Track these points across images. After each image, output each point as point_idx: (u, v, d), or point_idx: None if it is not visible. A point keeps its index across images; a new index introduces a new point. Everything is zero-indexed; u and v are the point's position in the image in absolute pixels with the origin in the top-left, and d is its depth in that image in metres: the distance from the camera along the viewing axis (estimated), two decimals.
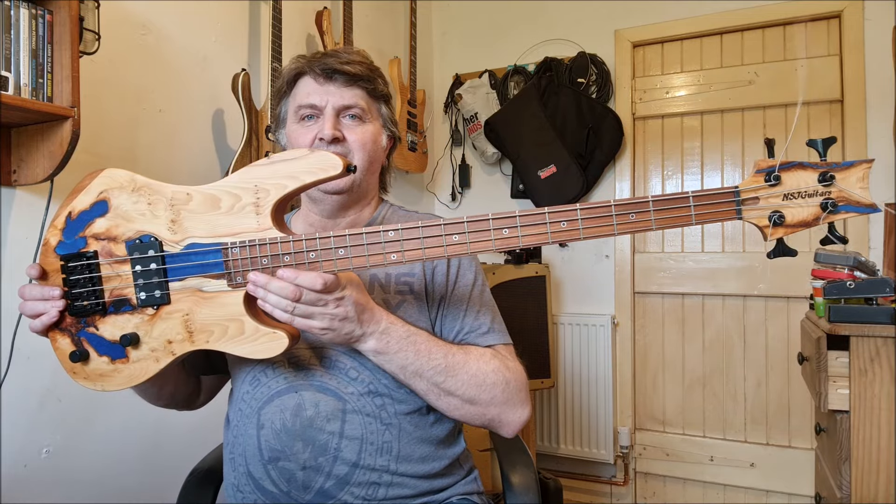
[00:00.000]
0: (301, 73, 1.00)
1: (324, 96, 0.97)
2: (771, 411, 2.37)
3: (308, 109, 0.98)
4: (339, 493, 0.90)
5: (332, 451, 0.90)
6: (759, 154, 2.40)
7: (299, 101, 0.99)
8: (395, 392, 0.94)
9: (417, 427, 0.96)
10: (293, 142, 0.99)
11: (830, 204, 0.72)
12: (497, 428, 0.96)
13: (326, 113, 0.97)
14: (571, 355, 2.57)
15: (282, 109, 1.04)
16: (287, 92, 1.02)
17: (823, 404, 1.31)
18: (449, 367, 0.90)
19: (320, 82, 0.97)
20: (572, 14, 2.66)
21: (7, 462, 1.24)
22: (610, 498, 2.58)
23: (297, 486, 0.90)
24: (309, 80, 0.98)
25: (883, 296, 1.30)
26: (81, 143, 1.20)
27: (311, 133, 0.97)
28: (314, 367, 0.94)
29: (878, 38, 2.16)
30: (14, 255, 1.26)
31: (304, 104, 0.98)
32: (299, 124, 0.99)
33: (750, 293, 2.39)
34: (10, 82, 1.11)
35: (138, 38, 1.53)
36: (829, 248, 1.58)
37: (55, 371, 1.34)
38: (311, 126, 0.98)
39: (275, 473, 0.91)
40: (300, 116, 0.99)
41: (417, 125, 2.57)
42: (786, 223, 0.73)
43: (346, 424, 0.91)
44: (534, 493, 1.08)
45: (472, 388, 0.91)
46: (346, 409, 0.91)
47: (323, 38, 2.05)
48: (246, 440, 0.94)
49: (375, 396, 0.93)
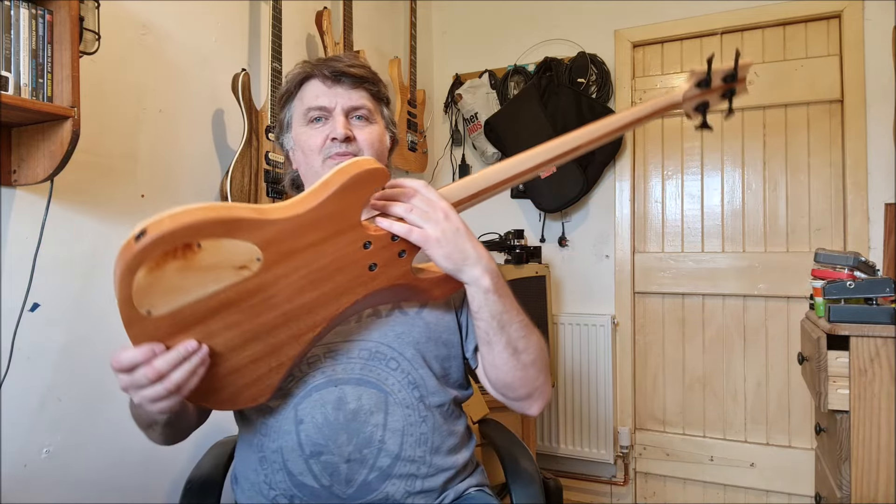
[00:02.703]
0: (308, 76, 1.01)
1: (333, 98, 0.99)
2: (771, 411, 2.37)
3: (317, 111, 1.00)
4: (381, 485, 0.91)
5: (377, 444, 0.91)
6: (759, 154, 2.40)
7: (308, 103, 1.00)
8: (429, 383, 0.97)
9: (446, 420, 0.99)
10: (303, 144, 1.00)
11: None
12: (536, 399, 0.97)
13: (336, 114, 0.99)
14: (571, 355, 2.57)
15: (286, 114, 1.05)
16: (293, 96, 1.03)
17: (823, 404, 1.31)
18: (526, 325, 0.92)
19: (328, 84, 1.00)
20: (572, 14, 2.66)
21: (7, 462, 1.24)
22: (610, 498, 2.58)
23: (339, 480, 0.90)
24: (317, 82, 1.00)
25: (883, 296, 1.30)
26: (81, 143, 1.20)
27: (322, 134, 0.99)
28: (353, 360, 0.94)
29: (878, 38, 2.16)
30: (14, 255, 1.26)
31: (313, 106, 1.00)
32: (308, 126, 1.00)
33: (750, 293, 2.39)
34: (10, 82, 1.11)
35: (138, 38, 1.53)
36: (829, 248, 1.59)
37: (55, 371, 1.34)
38: (320, 128, 0.99)
39: (317, 468, 0.90)
40: (309, 119, 1.00)
41: (417, 125, 2.57)
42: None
43: (389, 416, 0.92)
44: (538, 484, 1.11)
45: (536, 352, 0.93)
46: (389, 402, 0.93)
47: (323, 38, 2.05)
48: (282, 436, 0.92)
49: (414, 388, 0.95)
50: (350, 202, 0.77)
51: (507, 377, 0.93)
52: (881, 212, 2.15)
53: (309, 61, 1.04)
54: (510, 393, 0.96)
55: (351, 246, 0.79)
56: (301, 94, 1.02)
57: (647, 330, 2.59)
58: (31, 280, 1.26)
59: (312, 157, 1.00)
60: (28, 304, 1.27)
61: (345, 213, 0.77)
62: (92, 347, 1.41)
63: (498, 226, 2.53)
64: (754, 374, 2.41)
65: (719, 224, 2.47)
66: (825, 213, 2.31)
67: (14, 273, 1.26)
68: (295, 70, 1.04)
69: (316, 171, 0.99)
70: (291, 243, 0.74)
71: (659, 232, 2.58)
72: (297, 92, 1.03)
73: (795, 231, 2.35)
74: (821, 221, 2.32)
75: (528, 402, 0.97)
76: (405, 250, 0.83)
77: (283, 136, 1.07)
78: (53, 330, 1.34)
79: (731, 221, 2.46)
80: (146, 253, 0.65)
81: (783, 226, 2.37)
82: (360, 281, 0.81)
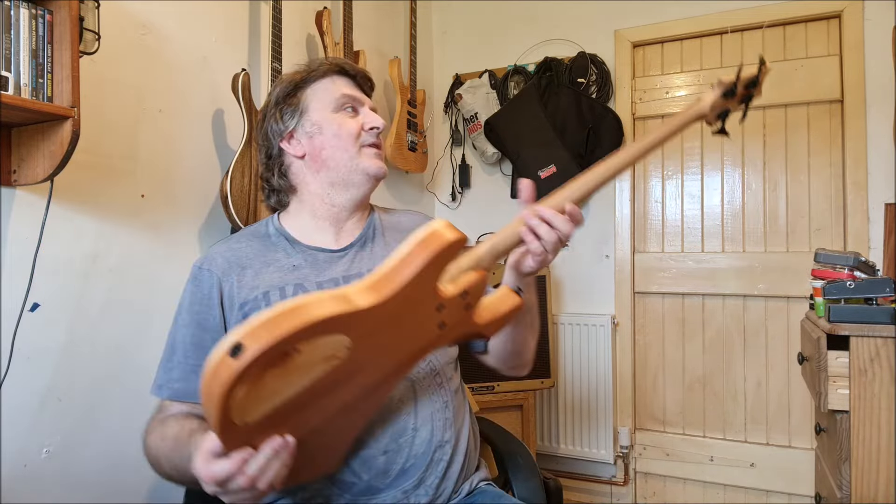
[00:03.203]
0: (339, 71, 1.07)
1: (356, 91, 1.08)
2: (771, 411, 2.37)
3: (352, 101, 1.06)
4: (417, 472, 0.94)
5: (411, 432, 0.94)
6: (759, 154, 2.40)
7: (342, 90, 1.05)
8: (446, 369, 1.01)
9: (461, 406, 1.04)
10: (337, 129, 1.03)
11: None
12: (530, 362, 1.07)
13: (368, 107, 1.08)
14: (571, 355, 2.57)
15: (303, 97, 1.06)
16: (315, 82, 1.06)
17: (823, 404, 1.31)
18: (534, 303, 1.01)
19: (357, 83, 1.08)
20: (572, 14, 2.66)
21: (7, 462, 1.24)
22: (610, 498, 2.58)
23: (378, 473, 0.91)
24: (347, 80, 1.07)
25: (883, 296, 1.30)
26: (81, 143, 1.20)
27: (357, 123, 1.05)
28: None
29: (878, 38, 2.16)
30: (14, 255, 1.26)
31: (349, 94, 1.06)
32: (340, 113, 1.05)
33: (750, 293, 2.39)
34: (10, 82, 1.11)
35: (138, 38, 1.53)
36: (829, 248, 1.59)
37: (55, 371, 1.34)
38: (353, 116, 1.06)
39: (356, 463, 0.91)
40: (341, 106, 1.05)
41: (417, 125, 2.57)
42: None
43: (418, 404, 0.96)
44: (538, 478, 1.15)
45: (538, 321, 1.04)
46: (416, 389, 0.96)
47: (323, 38, 2.05)
48: None
49: (436, 375, 0.99)
50: (432, 275, 0.75)
51: (521, 348, 1.03)
52: (881, 212, 2.15)
53: (322, 59, 1.11)
54: (515, 361, 1.06)
55: (427, 312, 0.78)
56: (328, 83, 1.06)
57: (647, 330, 2.59)
58: (31, 280, 1.26)
59: (349, 142, 1.03)
60: (28, 304, 1.27)
61: (426, 286, 0.75)
62: (92, 347, 1.41)
63: (498, 226, 2.51)
64: (754, 374, 2.40)
65: (719, 224, 2.47)
66: (825, 213, 2.31)
67: (14, 273, 1.26)
68: (321, 62, 1.07)
69: (351, 156, 1.04)
70: (377, 324, 0.72)
71: (659, 232, 2.58)
72: (322, 80, 1.06)
73: (795, 231, 2.35)
74: (821, 221, 2.32)
75: (526, 367, 1.08)
76: (469, 304, 0.82)
77: (295, 120, 1.05)
78: (53, 330, 1.34)
79: (731, 221, 2.46)
80: (247, 371, 0.59)
81: (783, 226, 2.37)
82: (432, 341, 0.81)
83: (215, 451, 0.69)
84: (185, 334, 0.99)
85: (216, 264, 1.02)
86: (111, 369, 1.45)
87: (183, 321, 1.00)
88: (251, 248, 1.05)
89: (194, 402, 0.96)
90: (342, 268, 1.03)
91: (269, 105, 1.09)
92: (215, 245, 1.08)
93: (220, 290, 0.99)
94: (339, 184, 1.05)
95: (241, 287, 0.99)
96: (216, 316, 0.99)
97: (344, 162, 1.03)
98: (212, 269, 1.01)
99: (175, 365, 0.98)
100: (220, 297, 0.99)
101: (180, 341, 0.99)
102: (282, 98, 1.06)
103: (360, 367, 0.74)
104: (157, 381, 0.99)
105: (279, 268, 1.02)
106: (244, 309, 0.98)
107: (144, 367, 1.20)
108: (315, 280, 1.01)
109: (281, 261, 1.03)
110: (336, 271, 1.03)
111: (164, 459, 0.89)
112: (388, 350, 0.77)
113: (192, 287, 1.02)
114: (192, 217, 1.69)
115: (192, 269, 1.04)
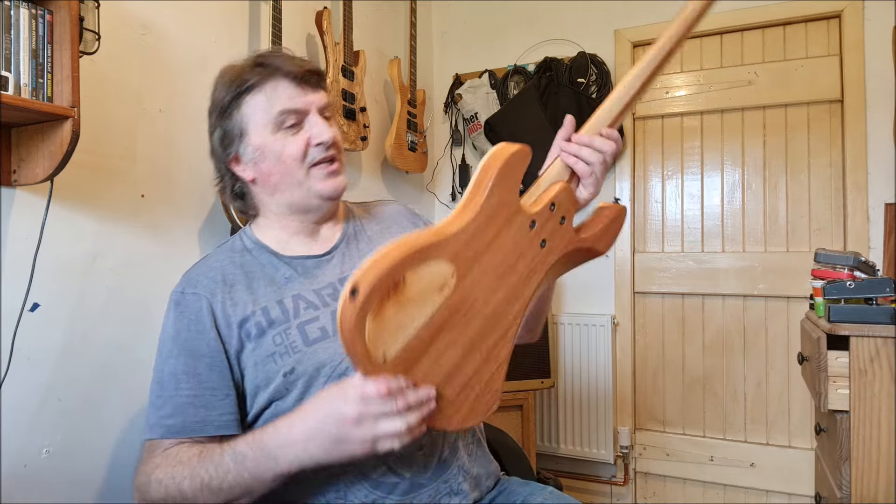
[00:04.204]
0: (271, 74, 0.93)
1: (305, 98, 0.93)
2: (771, 411, 2.37)
3: (293, 115, 0.93)
4: (453, 459, 0.94)
5: None
6: (759, 154, 2.40)
7: (280, 105, 0.92)
8: None
9: None
10: (279, 153, 0.93)
11: None
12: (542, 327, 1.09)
13: (313, 116, 0.94)
14: (571, 355, 2.57)
15: (236, 119, 0.94)
16: (246, 96, 0.93)
17: (823, 404, 1.31)
18: None
19: (298, 84, 0.93)
20: (572, 14, 2.66)
21: (7, 462, 1.24)
22: (610, 498, 2.58)
23: (418, 469, 0.91)
24: (286, 83, 0.93)
25: (883, 296, 1.30)
26: (81, 143, 1.21)
27: (301, 140, 0.93)
28: None
29: (878, 38, 2.16)
30: (14, 255, 1.26)
31: (287, 109, 0.92)
32: (281, 133, 0.93)
33: (750, 293, 2.39)
34: (10, 82, 1.11)
35: (138, 38, 1.53)
36: (829, 248, 1.59)
37: (55, 371, 1.34)
38: (295, 133, 0.93)
39: (397, 464, 0.90)
40: (281, 124, 0.92)
41: (417, 125, 2.57)
42: None
43: None
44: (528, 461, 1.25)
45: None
46: None
47: (323, 38, 2.05)
48: None
49: None
50: (507, 190, 0.80)
51: (543, 307, 1.01)
52: (881, 212, 2.15)
53: (262, 57, 0.95)
54: (534, 323, 1.03)
55: (521, 230, 0.82)
56: (262, 97, 0.93)
57: (647, 330, 2.59)
58: (31, 280, 1.26)
59: (294, 166, 0.94)
60: (28, 304, 1.27)
61: (506, 202, 0.81)
62: (92, 347, 1.41)
63: None
64: (754, 374, 2.40)
65: (719, 224, 2.47)
66: (825, 213, 2.31)
67: (14, 273, 1.26)
68: (247, 70, 0.93)
69: (300, 181, 0.94)
70: (475, 248, 0.78)
71: (659, 232, 2.58)
72: (256, 94, 0.93)
73: (795, 231, 2.35)
74: (821, 221, 2.32)
75: (539, 331, 1.07)
76: (563, 216, 0.87)
77: (236, 143, 0.95)
78: (53, 330, 1.34)
79: (731, 221, 2.46)
80: (367, 305, 0.69)
81: (783, 226, 2.37)
82: (538, 260, 0.85)
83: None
84: (174, 366, 0.91)
85: (201, 286, 0.95)
86: (111, 369, 1.45)
87: (169, 352, 0.92)
88: (233, 264, 0.98)
89: (193, 437, 0.88)
90: (335, 271, 0.99)
91: (209, 115, 1.00)
92: (191, 269, 1.00)
93: (212, 312, 0.92)
94: (298, 207, 0.99)
95: (235, 304, 0.93)
96: (211, 339, 0.91)
97: (294, 187, 0.95)
98: (197, 291, 0.94)
99: (166, 400, 0.90)
100: (212, 318, 0.92)
101: (169, 374, 0.91)
102: (218, 116, 0.96)
103: (475, 296, 0.79)
104: (148, 423, 0.91)
105: (270, 281, 0.96)
106: (244, 327, 0.92)
107: (144, 366, 1.20)
108: (311, 288, 0.96)
109: (270, 274, 0.97)
110: (330, 276, 0.99)
111: (191, 480, 0.82)
112: (497, 274, 0.81)
113: (175, 315, 0.94)
114: (191, 217, 1.69)
115: (173, 297, 0.96)
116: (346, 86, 2.10)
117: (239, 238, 1.03)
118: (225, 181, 1.01)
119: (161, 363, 0.93)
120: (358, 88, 2.17)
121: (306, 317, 0.93)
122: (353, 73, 2.14)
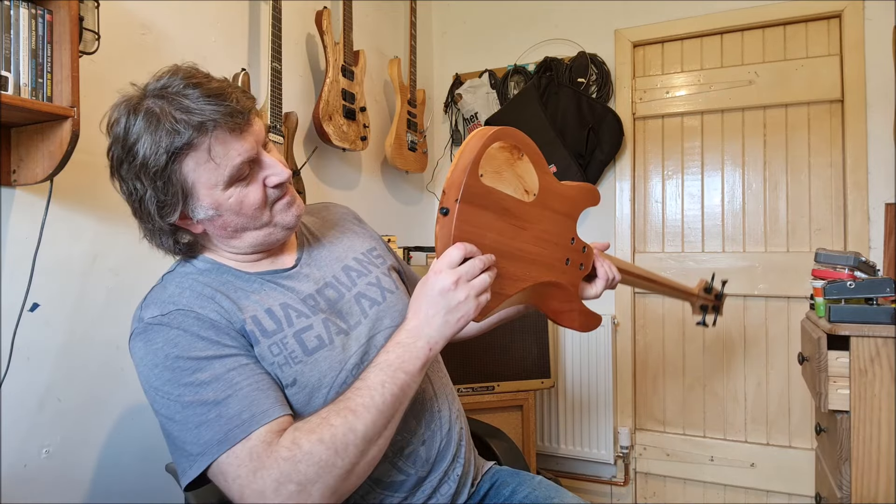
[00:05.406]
0: (208, 130, 0.81)
1: (247, 144, 0.84)
2: (771, 411, 2.37)
3: (246, 167, 0.84)
4: (449, 449, 0.97)
5: (437, 413, 0.97)
6: (760, 154, 2.40)
7: (231, 163, 0.82)
8: None
9: (446, 376, 1.08)
10: (241, 207, 0.85)
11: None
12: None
13: (262, 157, 0.87)
14: (571, 355, 2.57)
15: (184, 179, 0.82)
16: (181, 161, 0.81)
17: (823, 404, 1.31)
18: None
19: (236, 129, 0.83)
20: (572, 14, 2.66)
21: (7, 462, 1.24)
22: (610, 498, 2.58)
23: (421, 464, 0.93)
24: (223, 135, 0.82)
25: (883, 296, 1.30)
26: (81, 143, 1.20)
27: (259, 187, 0.86)
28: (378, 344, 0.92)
29: (878, 38, 2.16)
30: (14, 255, 1.26)
31: (238, 164, 0.83)
32: (235, 188, 0.84)
33: (750, 293, 2.39)
34: (9, 82, 1.11)
35: (138, 38, 1.53)
36: (830, 248, 1.60)
37: (55, 371, 1.34)
38: (249, 183, 0.86)
39: (404, 464, 0.92)
40: (233, 181, 0.84)
41: (417, 125, 2.57)
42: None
43: (433, 383, 0.99)
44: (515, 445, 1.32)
45: None
46: (429, 371, 0.98)
47: (323, 38, 2.05)
48: None
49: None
50: (582, 199, 1.02)
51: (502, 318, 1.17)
52: (881, 212, 2.15)
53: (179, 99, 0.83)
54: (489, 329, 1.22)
55: (567, 232, 0.99)
56: (204, 154, 0.81)
57: (647, 330, 2.59)
58: (31, 280, 1.26)
59: (257, 214, 0.87)
60: (28, 304, 1.27)
61: (576, 202, 1.00)
62: (92, 347, 1.41)
63: None
64: (754, 374, 2.40)
65: (720, 224, 2.47)
66: (825, 213, 2.31)
67: (14, 273, 1.26)
68: (168, 114, 0.81)
69: (264, 222, 0.89)
70: (549, 200, 0.93)
71: (659, 232, 2.58)
72: (195, 153, 0.81)
73: (796, 231, 2.35)
74: (821, 221, 2.32)
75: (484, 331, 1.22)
76: (583, 264, 1.04)
77: (181, 204, 0.84)
78: (53, 330, 1.34)
79: (731, 221, 2.45)
80: (500, 135, 0.83)
81: (783, 226, 2.37)
82: (556, 264, 0.97)
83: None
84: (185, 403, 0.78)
85: (183, 300, 0.85)
86: (111, 369, 1.45)
87: (169, 395, 0.79)
88: (198, 283, 0.88)
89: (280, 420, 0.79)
90: (310, 283, 0.94)
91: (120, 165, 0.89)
92: (151, 297, 0.89)
93: (209, 319, 0.84)
94: (262, 245, 0.92)
95: (227, 312, 0.86)
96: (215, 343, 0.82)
97: (257, 229, 0.89)
98: (180, 308, 0.84)
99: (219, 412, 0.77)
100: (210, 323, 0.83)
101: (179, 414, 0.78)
102: (147, 176, 0.83)
103: (528, 226, 0.91)
104: (189, 462, 0.78)
105: (248, 293, 0.89)
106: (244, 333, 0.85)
107: None
108: (296, 297, 0.91)
109: (243, 287, 0.90)
110: (306, 287, 0.94)
111: (354, 415, 0.76)
112: (542, 237, 0.93)
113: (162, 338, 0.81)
114: None
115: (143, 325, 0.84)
116: (346, 86, 2.10)
117: (189, 264, 0.93)
118: (163, 239, 0.90)
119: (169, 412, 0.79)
120: (358, 88, 2.17)
121: (300, 325, 0.88)
122: (353, 73, 2.14)
